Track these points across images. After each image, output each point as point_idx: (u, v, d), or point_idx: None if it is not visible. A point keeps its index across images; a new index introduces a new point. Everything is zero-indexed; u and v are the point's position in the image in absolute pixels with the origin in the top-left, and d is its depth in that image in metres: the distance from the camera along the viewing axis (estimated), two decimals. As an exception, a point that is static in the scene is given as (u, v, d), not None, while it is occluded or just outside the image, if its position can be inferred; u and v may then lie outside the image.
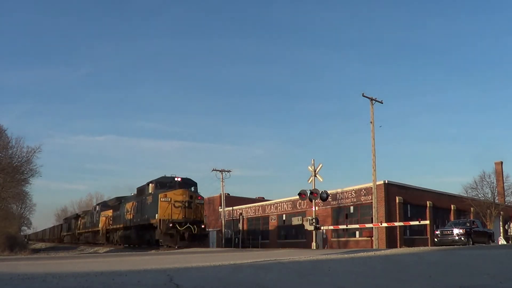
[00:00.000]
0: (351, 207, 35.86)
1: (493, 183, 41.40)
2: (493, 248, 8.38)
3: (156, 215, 24.87)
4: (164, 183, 26.47)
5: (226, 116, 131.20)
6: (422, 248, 9.00)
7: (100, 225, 38.63)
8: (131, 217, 29.90)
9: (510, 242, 36.97)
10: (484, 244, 24.05)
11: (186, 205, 24.85)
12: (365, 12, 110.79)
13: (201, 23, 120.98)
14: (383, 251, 8.12)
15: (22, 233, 72.55)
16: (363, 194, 34.65)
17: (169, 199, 24.87)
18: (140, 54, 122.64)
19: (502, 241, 35.39)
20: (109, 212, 37.24)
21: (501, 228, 40.26)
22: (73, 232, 52.36)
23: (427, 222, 30.06)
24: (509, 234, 39.61)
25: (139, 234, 28.11)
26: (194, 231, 24.58)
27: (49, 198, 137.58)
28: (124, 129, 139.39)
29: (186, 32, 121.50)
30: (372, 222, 29.21)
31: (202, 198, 27.27)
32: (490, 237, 26.95)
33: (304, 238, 36.27)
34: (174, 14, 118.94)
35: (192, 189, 26.54)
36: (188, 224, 24.50)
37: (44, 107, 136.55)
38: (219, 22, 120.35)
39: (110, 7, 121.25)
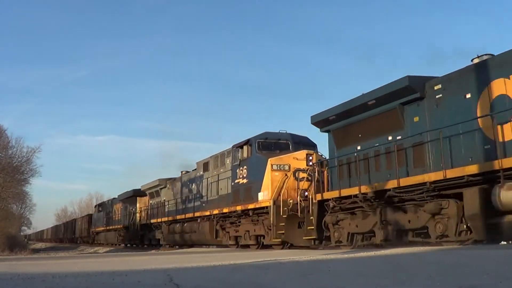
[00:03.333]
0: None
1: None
2: (493, 248, 8.39)
3: None
4: None
5: (227, 116, 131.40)
6: (422, 248, 9.00)
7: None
8: None
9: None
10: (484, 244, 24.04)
11: None
12: (364, 11, 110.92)
13: (202, 22, 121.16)
14: (383, 251, 8.13)
15: (22, 233, 72.47)
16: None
17: None
18: (140, 54, 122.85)
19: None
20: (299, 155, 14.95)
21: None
22: (121, 224, 31.93)
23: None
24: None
25: None
26: None
27: (49, 198, 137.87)
28: (124, 129, 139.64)
29: (187, 31, 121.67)
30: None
31: None
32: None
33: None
34: (175, 12, 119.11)
35: None
36: None
37: (44, 107, 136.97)
38: (220, 20, 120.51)
39: (109, 7, 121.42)
